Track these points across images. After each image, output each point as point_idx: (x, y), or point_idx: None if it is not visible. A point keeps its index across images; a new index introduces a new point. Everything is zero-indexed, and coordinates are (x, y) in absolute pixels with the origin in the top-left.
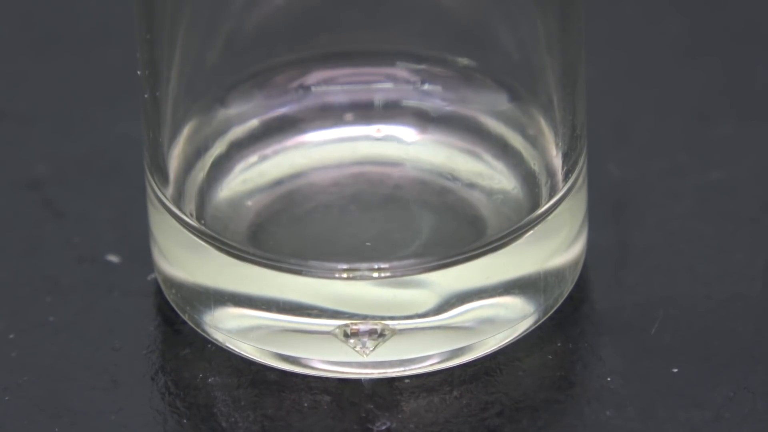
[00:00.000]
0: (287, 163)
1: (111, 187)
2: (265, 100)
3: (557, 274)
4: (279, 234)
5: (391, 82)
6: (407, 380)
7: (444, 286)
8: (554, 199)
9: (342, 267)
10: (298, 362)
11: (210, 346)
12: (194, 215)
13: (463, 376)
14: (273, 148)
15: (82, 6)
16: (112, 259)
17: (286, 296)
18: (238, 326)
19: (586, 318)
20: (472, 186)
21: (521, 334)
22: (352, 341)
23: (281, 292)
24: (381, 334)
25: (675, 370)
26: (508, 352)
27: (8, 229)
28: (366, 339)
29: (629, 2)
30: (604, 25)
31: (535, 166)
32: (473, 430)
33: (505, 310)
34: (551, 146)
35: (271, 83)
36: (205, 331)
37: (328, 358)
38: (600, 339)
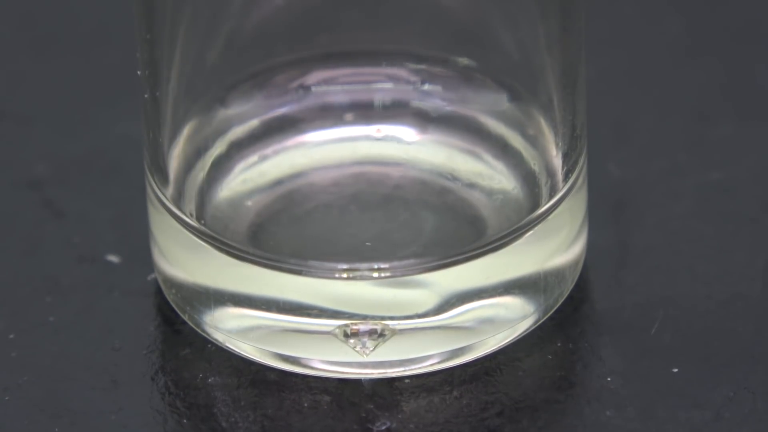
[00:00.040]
0: (287, 163)
1: (111, 187)
2: (265, 100)
3: (557, 274)
4: (279, 234)
5: (391, 82)
6: (407, 380)
7: (444, 286)
8: (554, 199)
9: (342, 267)
10: (298, 362)
11: (210, 346)
12: (194, 215)
13: (463, 376)
14: (273, 148)
15: (82, 6)
16: (112, 259)
17: (286, 296)
18: (238, 326)
19: (586, 318)
20: (472, 186)
21: (521, 334)
22: (352, 341)
23: (281, 292)
24: (381, 334)
25: (675, 370)
26: (508, 352)
27: (8, 229)
28: (366, 339)
29: (629, 2)
30: (604, 25)
31: (535, 166)
32: (473, 430)
33: (505, 310)
34: (551, 146)
35: (271, 83)
36: (205, 331)
37: (328, 358)
38: (600, 339)
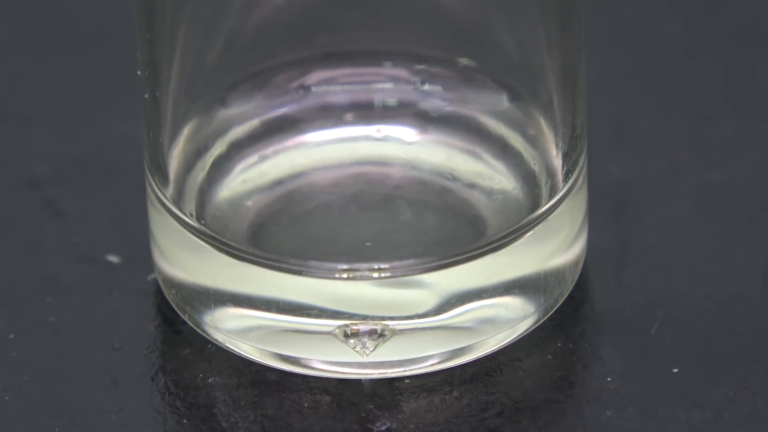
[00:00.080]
0: (287, 163)
1: (111, 187)
2: (265, 100)
3: (557, 274)
4: (279, 234)
5: (391, 82)
6: (407, 380)
7: (444, 287)
8: (554, 200)
9: (342, 267)
10: (298, 362)
11: (210, 346)
12: (194, 215)
13: (463, 377)
14: (273, 148)
15: (82, 6)
16: (112, 259)
17: (286, 296)
18: (238, 326)
19: (586, 318)
20: (472, 186)
21: (521, 334)
22: (352, 341)
23: (281, 292)
24: (381, 335)
25: (675, 370)
26: (508, 352)
27: (8, 229)
28: (366, 339)
29: (628, 2)
30: (603, 25)
31: (535, 166)
32: (473, 431)
33: (505, 310)
34: (551, 146)
35: (271, 83)
36: (205, 331)
37: (328, 359)
38: (600, 339)
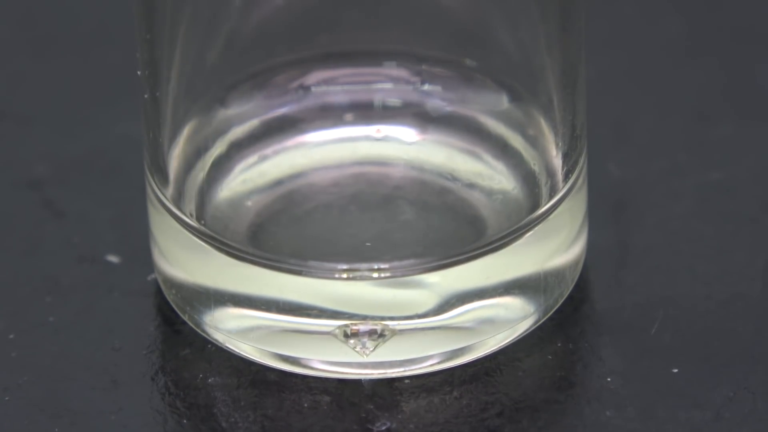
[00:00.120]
0: (287, 163)
1: (111, 187)
2: (265, 100)
3: (557, 275)
4: (279, 234)
5: (391, 82)
6: (407, 380)
7: (444, 287)
8: (554, 200)
9: (342, 267)
10: (297, 362)
11: (210, 346)
12: (194, 215)
13: (463, 377)
14: (273, 148)
15: (82, 6)
16: (112, 259)
17: (286, 296)
18: (238, 326)
19: (586, 318)
20: (472, 186)
21: (521, 335)
22: (352, 341)
23: (281, 292)
24: (381, 335)
25: (675, 370)
26: (508, 352)
27: (8, 229)
28: (366, 339)
29: (628, 2)
30: (603, 25)
31: (535, 166)
32: (473, 431)
33: (505, 310)
34: (551, 146)
35: (271, 83)
36: (205, 331)
37: (327, 359)
38: (600, 339)
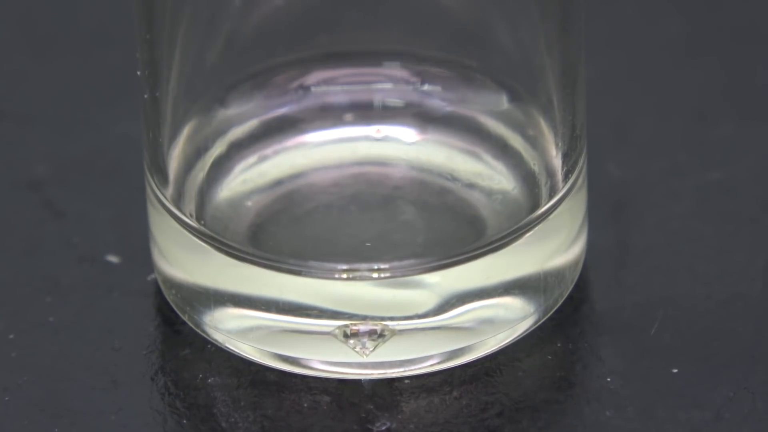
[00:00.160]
0: (287, 163)
1: (111, 187)
2: (265, 100)
3: (557, 275)
4: (279, 234)
5: (391, 82)
6: (407, 381)
7: (444, 287)
8: (554, 200)
9: (342, 267)
10: (297, 363)
11: (210, 346)
12: (194, 216)
13: (463, 377)
14: (273, 148)
15: (82, 6)
16: (112, 259)
17: (286, 297)
18: (238, 327)
19: (586, 318)
20: (472, 186)
21: (521, 335)
22: (351, 342)
23: (281, 292)
24: (381, 335)
25: (675, 370)
26: (508, 352)
27: (8, 229)
28: (366, 339)
29: (629, 2)
30: (603, 25)
31: (535, 167)
32: (473, 431)
33: (505, 310)
34: (551, 146)
35: (271, 83)
36: (204, 331)
37: (327, 359)
38: (600, 339)
